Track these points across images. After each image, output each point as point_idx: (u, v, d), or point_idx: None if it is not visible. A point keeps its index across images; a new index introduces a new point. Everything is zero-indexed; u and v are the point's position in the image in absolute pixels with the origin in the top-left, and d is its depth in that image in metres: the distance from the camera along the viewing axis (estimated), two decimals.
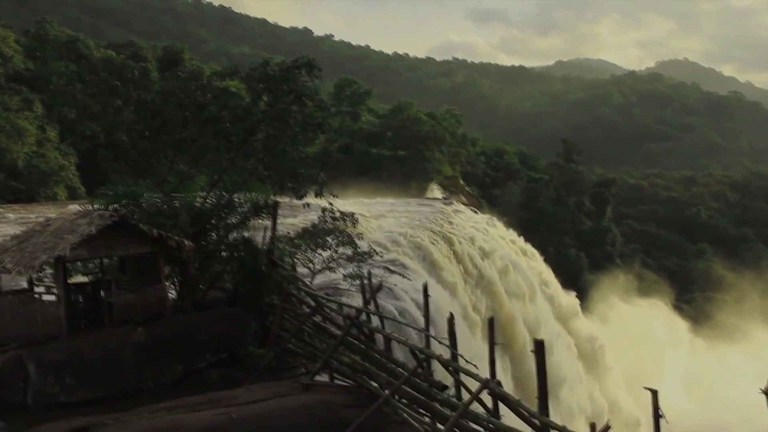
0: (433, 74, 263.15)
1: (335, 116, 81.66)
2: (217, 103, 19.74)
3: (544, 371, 12.06)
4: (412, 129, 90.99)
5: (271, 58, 23.76)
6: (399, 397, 14.30)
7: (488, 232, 51.95)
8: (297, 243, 23.54)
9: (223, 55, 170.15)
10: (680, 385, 62.34)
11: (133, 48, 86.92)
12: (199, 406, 14.16)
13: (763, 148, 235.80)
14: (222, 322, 18.57)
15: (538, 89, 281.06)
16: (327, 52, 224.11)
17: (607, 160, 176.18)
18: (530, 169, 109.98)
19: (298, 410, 14.18)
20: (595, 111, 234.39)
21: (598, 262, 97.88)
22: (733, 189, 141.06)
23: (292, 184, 20.81)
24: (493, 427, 12.72)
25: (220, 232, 20.30)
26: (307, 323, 17.98)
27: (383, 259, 31.73)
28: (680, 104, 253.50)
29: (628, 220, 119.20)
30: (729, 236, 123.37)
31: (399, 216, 47.39)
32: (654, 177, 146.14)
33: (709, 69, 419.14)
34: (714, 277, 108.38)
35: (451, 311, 16.38)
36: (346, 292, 24.81)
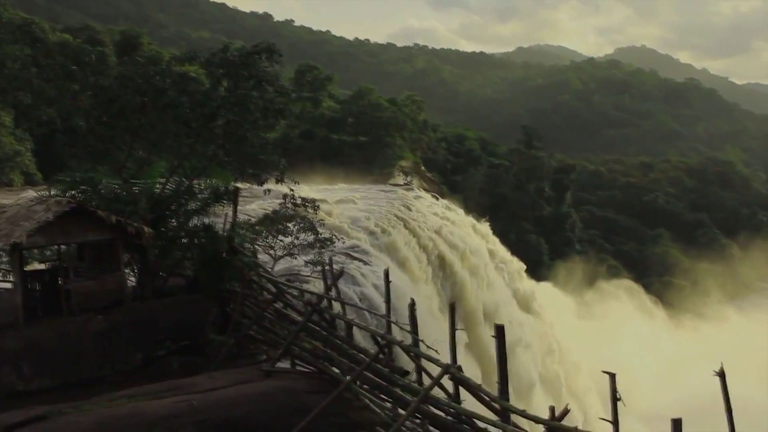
0: (394, 60, 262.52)
1: (296, 102, 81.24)
2: (176, 88, 19.55)
3: (505, 356, 12.17)
4: (373, 115, 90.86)
5: (231, 43, 23.65)
6: (360, 382, 14.34)
7: (449, 218, 52.14)
8: (258, 229, 23.45)
9: (183, 39, 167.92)
10: (639, 367, 63.12)
11: (90, 32, 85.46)
12: (159, 393, 14.08)
13: (718, 135, 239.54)
14: (182, 309, 18.46)
15: (498, 75, 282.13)
16: (287, 37, 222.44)
17: (566, 146, 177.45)
18: (491, 155, 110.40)
19: (259, 397, 14.17)
20: (555, 97, 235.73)
21: (558, 248, 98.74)
22: (689, 175, 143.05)
23: (252, 170, 20.73)
24: (454, 412, 12.82)
25: (180, 219, 20.14)
26: (268, 310, 17.93)
27: (344, 246, 31.75)
28: (638, 91, 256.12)
29: (587, 206, 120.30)
30: (685, 221, 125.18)
31: (360, 202, 47.37)
32: (613, 163, 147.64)
33: (666, 56, 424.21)
34: (671, 261, 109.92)
35: (412, 297, 16.44)
36: (307, 279, 24.77)
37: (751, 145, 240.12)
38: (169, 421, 12.91)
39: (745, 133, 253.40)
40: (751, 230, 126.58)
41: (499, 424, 11.99)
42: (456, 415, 12.85)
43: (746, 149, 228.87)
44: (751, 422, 41.85)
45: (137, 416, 12.92)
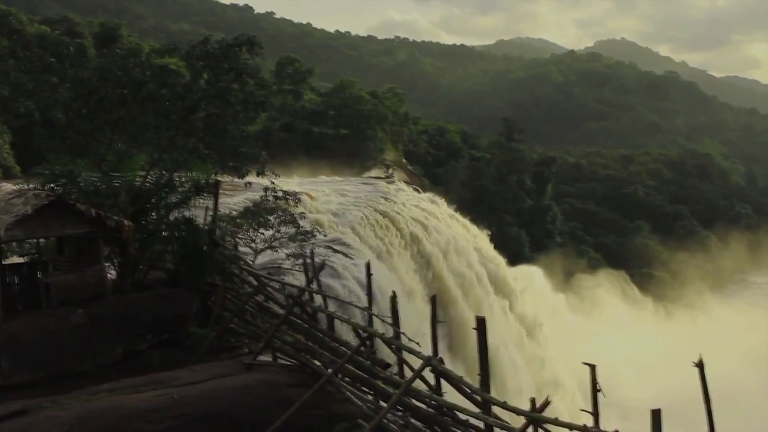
0: (375, 53, 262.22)
1: (277, 95, 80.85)
2: (156, 80, 19.44)
3: (486, 348, 12.23)
4: (354, 108, 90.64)
5: (211, 35, 23.53)
6: (342, 375, 14.37)
7: (430, 211, 52.15)
8: (239, 222, 23.39)
9: (162, 32, 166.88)
10: (619, 358, 63.51)
11: (69, 24, 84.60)
12: (140, 387, 14.05)
13: (697, 127, 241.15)
14: (163, 302, 18.39)
15: (479, 68, 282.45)
16: (268, 29, 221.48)
17: (547, 138, 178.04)
18: (472, 147, 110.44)
19: (240, 390, 14.16)
20: (536, 90, 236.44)
21: (539, 240, 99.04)
22: (669, 167, 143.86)
23: (233, 163, 20.68)
24: (435, 404, 12.88)
25: (160, 212, 20.06)
26: (249, 303, 17.91)
27: (326, 238, 31.72)
28: (618, 84, 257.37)
29: (568, 198, 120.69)
30: (665, 213, 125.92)
31: (342, 195, 47.30)
32: (593, 155, 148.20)
33: (645, 49, 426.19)
34: (650, 253, 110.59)
35: (393, 289, 16.47)
36: (288, 272, 24.74)
37: (729, 138, 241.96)
38: (150, 414, 12.89)
39: (723, 126, 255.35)
40: (729, 222, 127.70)
41: (481, 415, 12.06)
42: (437, 407, 12.91)
43: (724, 142, 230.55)
44: (734, 409, 42.50)
45: (118, 410, 12.89)
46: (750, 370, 61.38)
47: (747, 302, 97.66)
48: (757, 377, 59.93)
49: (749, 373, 59.97)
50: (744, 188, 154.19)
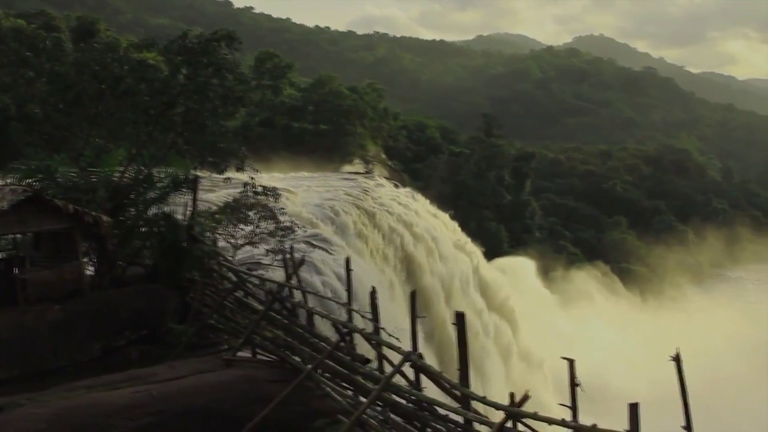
0: (355, 48, 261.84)
1: (256, 90, 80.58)
2: (134, 75, 19.33)
3: (465, 344, 12.28)
4: (334, 103, 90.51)
5: (190, 30, 23.33)
6: (322, 371, 14.36)
7: (410, 206, 52.21)
8: (218, 218, 23.30)
9: (141, 26, 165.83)
10: (596, 352, 63.90)
11: (46, 17, 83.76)
12: (118, 384, 13.98)
13: (675, 123, 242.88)
14: (142, 298, 18.30)
15: (458, 64, 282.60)
16: (247, 24, 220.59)
17: (526, 134, 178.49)
18: (451, 143, 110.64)
19: (220, 386, 14.13)
20: (515, 86, 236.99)
21: (518, 236, 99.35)
22: (646, 162, 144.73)
23: (212, 159, 20.61)
24: (415, 399, 12.91)
25: (139, 208, 19.96)
26: (228, 298, 17.87)
27: (306, 234, 31.67)
28: (597, 79, 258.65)
29: (546, 194, 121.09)
30: (642, 208, 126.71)
31: (321, 190, 47.25)
32: (572, 151, 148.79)
33: (623, 45, 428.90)
34: (628, 248, 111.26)
35: (373, 285, 16.48)
36: (268, 267, 24.67)
37: (706, 134, 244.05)
38: (128, 411, 12.83)
39: (700, 122, 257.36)
40: (706, 217, 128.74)
41: (460, 410, 12.11)
42: (417, 403, 12.94)
43: (701, 137, 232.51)
44: (716, 396, 42.93)
45: (96, 407, 12.81)
46: (731, 362, 62.41)
47: (724, 296, 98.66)
48: (738, 369, 61.02)
49: (730, 365, 61.05)
50: (720, 183, 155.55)
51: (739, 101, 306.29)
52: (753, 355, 64.40)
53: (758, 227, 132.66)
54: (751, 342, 68.25)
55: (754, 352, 65.20)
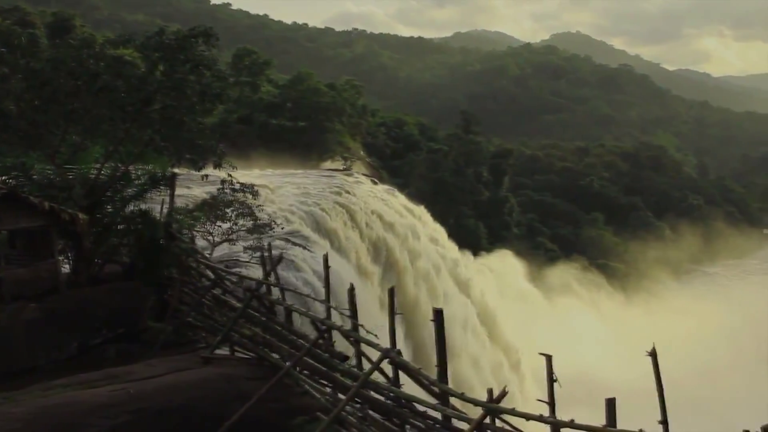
0: (333, 45, 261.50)
1: (234, 86, 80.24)
2: (110, 72, 19.19)
3: (443, 340, 12.31)
4: (312, 100, 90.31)
5: (167, 26, 23.21)
6: (300, 368, 14.36)
7: (388, 203, 52.25)
8: (196, 215, 23.23)
9: (117, 22, 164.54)
10: (577, 347, 64.30)
11: (20, 13, 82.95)
12: (95, 382, 13.90)
13: (651, 120, 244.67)
14: (119, 296, 18.20)
15: (437, 60, 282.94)
16: (225, 21, 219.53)
17: (504, 131, 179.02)
18: (430, 140, 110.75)
19: (198, 384, 14.08)
20: (493, 82, 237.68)
21: (497, 232, 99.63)
22: (623, 159, 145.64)
23: (190, 156, 20.50)
24: (393, 396, 12.93)
25: (116, 205, 19.82)
26: (206, 296, 17.81)
27: (284, 231, 31.60)
28: (574, 76, 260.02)
29: (524, 190, 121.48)
30: (620, 205, 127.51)
31: (300, 187, 47.15)
32: (549, 148, 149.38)
33: (600, 42, 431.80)
34: (606, 244, 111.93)
35: (351, 282, 16.48)
36: (246, 265, 24.63)
37: (681, 130, 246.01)
38: (106, 410, 12.76)
39: (676, 119, 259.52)
40: (682, 213, 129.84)
41: (439, 407, 12.15)
42: (396, 399, 12.96)
43: (677, 134, 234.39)
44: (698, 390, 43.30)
45: (72, 406, 12.73)
46: (712, 354, 63.30)
47: (701, 292, 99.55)
48: (718, 361, 61.95)
49: (712, 357, 61.99)
50: (696, 180, 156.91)
51: (714, 98, 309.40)
52: (731, 348, 65.41)
53: (733, 223, 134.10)
54: (729, 335, 69.19)
55: (732, 345, 66.22)
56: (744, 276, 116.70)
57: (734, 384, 58.22)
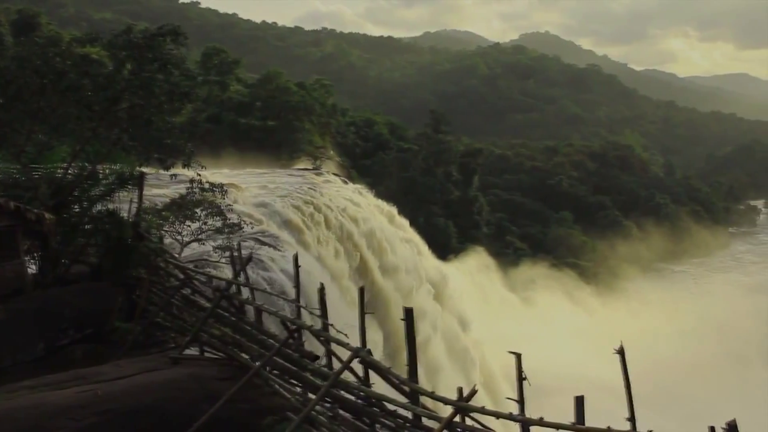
0: (302, 44, 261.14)
1: (203, 85, 79.87)
2: (77, 70, 19.00)
3: (413, 339, 12.33)
4: (281, 99, 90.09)
5: (135, 24, 23.03)
6: (270, 368, 14.30)
7: (358, 202, 52.27)
8: (165, 215, 23.06)
9: (84, 20, 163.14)
10: (546, 346, 64.78)
11: None
12: (62, 383, 13.75)
13: (619, 119, 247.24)
14: (86, 296, 18.02)
15: (406, 60, 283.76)
16: (193, 19, 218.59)
17: (474, 130, 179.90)
18: (399, 139, 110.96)
19: (167, 384, 13.97)
20: (462, 82, 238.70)
21: (466, 231, 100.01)
22: (591, 158, 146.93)
23: (158, 155, 20.35)
24: (364, 395, 12.93)
25: (83, 205, 19.63)
26: (175, 296, 17.68)
27: (254, 231, 31.53)
28: (543, 76, 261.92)
29: (494, 190, 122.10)
30: (588, 204, 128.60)
31: (269, 186, 47.04)
32: (518, 147, 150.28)
33: (568, 42, 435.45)
34: (574, 243, 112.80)
35: (321, 281, 16.46)
36: (215, 265, 24.52)
37: (648, 130, 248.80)
38: (73, 411, 12.62)
39: (643, 118, 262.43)
40: (649, 212, 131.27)
41: (409, 406, 12.17)
42: (366, 399, 12.96)
43: (644, 133, 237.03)
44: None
45: (39, 407, 12.59)
46: (684, 349, 64.47)
47: (668, 290, 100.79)
48: (691, 356, 63.15)
49: (684, 352, 63.26)
50: (663, 179, 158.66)
51: (680, 98, 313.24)
52: (697, 344, 66.54)
53: (699, 221, 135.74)
54: (695, 331, 70.31)
55: (698, 341, 67.35)
56: (709, 274, 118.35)
57: (700, 379, 59.23)
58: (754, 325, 75.72)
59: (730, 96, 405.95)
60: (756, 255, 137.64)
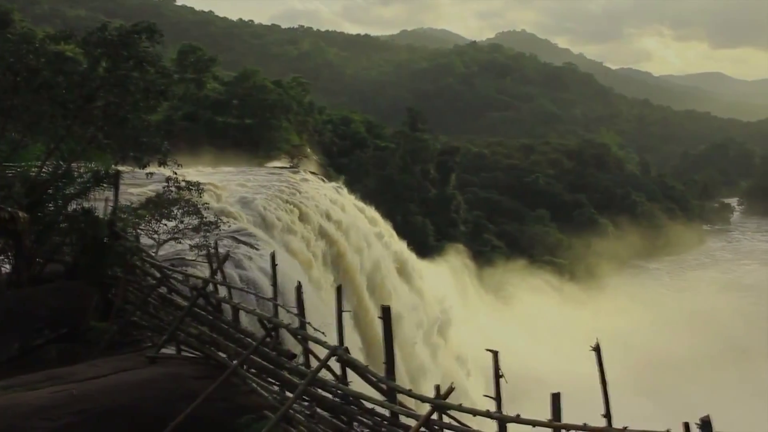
0: (279, 42, 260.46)
1: (179, 83, 79.34)
2: (51, 68, 18.83)
3: (391, 337, 12.36)
4: (258, 97, 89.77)
5: (110, 22, 22.81)
6: (248, 367, 14.27)
7: (336, 200, 52.25)
8: (141, 213, 22.91)
9: (58, 17, 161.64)
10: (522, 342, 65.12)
11: None
12: (36, 384, 13.63)
13: (595, 118, 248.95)
14: (61, 296, 17.86)
15: (383, 58, 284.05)
16: (169, 17, 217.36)
17: (451, 128, 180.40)
18: (377, 137, 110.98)
19: (143, 384, 13.90)
20: (439, 80, 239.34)
21: (443, 229, 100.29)
22: (568, 157, 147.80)
23: (134, 153, 20.20)
24: (341, 393, 12.94)
25: (58, 203, 19.47)
26: (152, 295, 17.59)
27: (230, 229, 31.44)
28: (519, 74, 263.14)
29: (471, 188, 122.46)
30: (564, 202, 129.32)
31: (247, 185, 46.91)
32: (495, 145, 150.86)
33: (544, 40, 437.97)
34: (551, 241, 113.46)
35: (299, 280, 16.45)
36: (192, 263, 24.42)
37: (624, 128, 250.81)
38: (48, 411, 12.52)
39: (619, 117, 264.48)
40: (625, 210, 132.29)
41: (386, 404, 12.19)
42: (344, 397, 12.97)
43: (620, 132, 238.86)
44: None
45: (12, 408, 12.47)
46: (649, 347, 65.24)
47: (643, 287, 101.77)
48: (655, 353, 63.99)
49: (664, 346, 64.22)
50: (638, 177, 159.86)
51: (655, 97, 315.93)
52: (672, 340, 67.37)
53: (674, 219, 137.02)
54: (670, 328, 71.15)
55: (673, 337, 68.24)
56: (684, 271, 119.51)
57: (674, 374, 59.90)
58: (730, 321, 76.85)
59: (704, 95, 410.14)
60: (730, 252, 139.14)
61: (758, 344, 69.93)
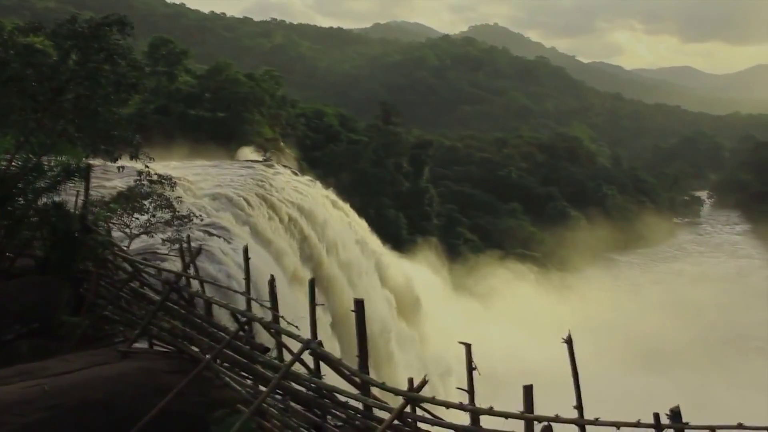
0: (252, 35, 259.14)
1: (150, 76, 78.72)
2: (20, 60, 18.62)
3: (364, 330, 12.40)
4: (231, 90, 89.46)
5: (80, 14, 22.58)
6: (221, 361, 14.25)
7: (309, 194, 52.15)
8: (112, 207, 22.74)
9: (26, 9, 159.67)
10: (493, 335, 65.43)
11: None
12: (7, 379, 13.51)
13: (567, 111, 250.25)
14: (32, 290, 17.70)
15: (356, 51, 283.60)
16: (140, 9, 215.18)
17: (424, 122, 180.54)
18: (350, 131, 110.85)
19: (115, 378, 13.83)
20: (413, 74, 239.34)
21: (417, 222, 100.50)
22: (540, 150, 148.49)
23: (105, 147, 20.04)
24: (315, 387, 12.96)
25: (28, 197, 19.27)
26: (124, 289, 17.49)
27: (203, 222, 31.26)
28: (492, 68, 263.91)
29: (444, 181, 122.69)
30: (537, 195, 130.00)
31: (219, 178, 46.70)
32: (468, 139, 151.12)
33: (517, 34, 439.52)
34: (524, 234, 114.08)
35: (272, 273, 16.42)
36: (165, 257, 24.29)
37: (596, 122, 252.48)
38: (19, 407, 12.42)
39: (590, 110, 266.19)
40: (597, 203, 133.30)
41: (360, 397, 12.24)
42: (317, 390, 13.00)
43: (592, 125, 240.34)
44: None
45: None
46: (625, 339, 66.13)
47: (615, 279, 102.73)
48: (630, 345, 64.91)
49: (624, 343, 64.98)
50: (610, 170, 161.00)
51: (627, 90, 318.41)
52: (645, 331, 68.31)
53: (645, 211, 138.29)
54: (641, 319, 72.10)
55: (646, 328, 69.21)
56: (655, 264, 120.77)
57: (660, 361, 60.77)
58: (707, 311, 77.97)
59: (674, 89, 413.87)
60: (700, 245, 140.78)
61: (736, 332, 71.63)
